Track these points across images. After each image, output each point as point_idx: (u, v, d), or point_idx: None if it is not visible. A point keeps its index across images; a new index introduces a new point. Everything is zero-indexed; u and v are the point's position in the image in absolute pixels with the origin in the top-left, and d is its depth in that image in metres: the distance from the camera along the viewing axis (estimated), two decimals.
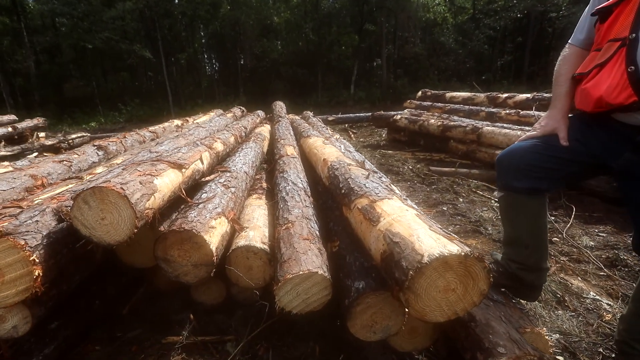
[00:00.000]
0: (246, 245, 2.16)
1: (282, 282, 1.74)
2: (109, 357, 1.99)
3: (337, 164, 2.82)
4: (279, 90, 23.53)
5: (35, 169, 2.87)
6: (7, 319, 1.57)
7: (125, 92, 24.90)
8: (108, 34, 21.67)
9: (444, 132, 6.73)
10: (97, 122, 21.39)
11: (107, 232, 1.62)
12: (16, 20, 22.38)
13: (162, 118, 23.30)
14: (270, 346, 2.11)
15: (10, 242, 1.37)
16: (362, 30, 23.68)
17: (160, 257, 1.90)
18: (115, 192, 1.56)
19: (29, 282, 1.42)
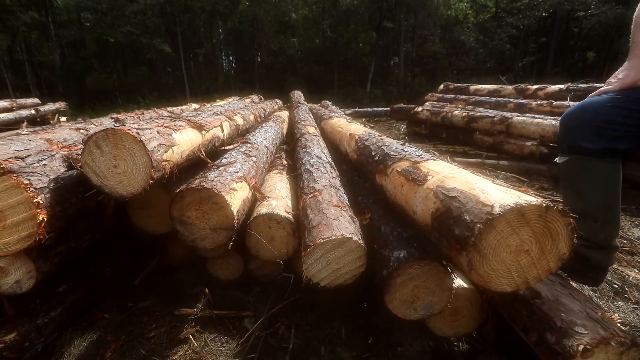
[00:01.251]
0: (269, 213, 1.97)
1: (312, 248, 1.54)
2: (118, 326, 1.82)
3: (366, 136, 2.61)
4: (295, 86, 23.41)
5: (52, 134, 2.75)
6: (9, 272, 1.42)
7: (144, 86, 25.29)
8: (130, 28, 22.07)
9: (469, 123, 6.40)
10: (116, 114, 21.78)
11: (120, 182, 1.45)
12: (44, 15, 23.04)
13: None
14: (292, 324, 1.91)
15: (14, 180, 1.21)
16: (380, 27, 23.33)
17: (176, 218, 1.73)
18: (130, 136, 1.39)
19: (32, 227, 1.26)
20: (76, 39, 26.28)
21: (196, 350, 1.63)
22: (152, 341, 1.67)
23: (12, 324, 1.55)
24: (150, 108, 4.62)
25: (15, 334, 1.52)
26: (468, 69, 24.14)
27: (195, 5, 24.23)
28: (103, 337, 1.73)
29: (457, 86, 8.55)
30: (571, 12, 20.89)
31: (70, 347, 1.62)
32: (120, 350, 1.63)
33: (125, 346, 1.64)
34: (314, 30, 25.90)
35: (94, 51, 26.39)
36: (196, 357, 1.59)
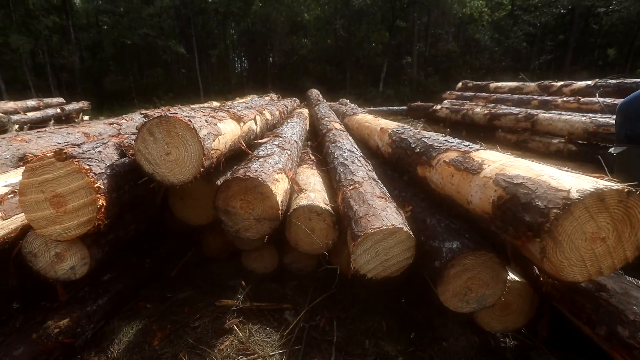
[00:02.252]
0: (309, 205, 1.96)
1: (362, 238, 1.51)
2: (161, 315, 1.83)
3: (400, 129, 2.57)
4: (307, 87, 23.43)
5: (88, 128, 2.82)
6: (65, 258, 1.44)
7: (160, 87, 25.71)
8: (146, 30, 22.46)
9: (491, 120, 6.28)
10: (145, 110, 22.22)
11: (171, 169, 1.45)
12: (65, 19, 23.66)
13: None
14: (333, 317, 1.89)
15: (75, 165, 1.22)
16: (393, 27, 23.16)
17: (220, 208, 1.73)
18: (183, 123, 1.39)
19: (92, 212, 1.27)
20: (94, 42, 26.91)
21: (242, 341, 1.62)
22: (197, 331, 1.68)
23: (65, 309, 1.57)
24: (175, 105, 4.67)
25: (68, 319, 1.54)
26: (483, 68, 23.74)
27: (210, 7, 24.54)
28: (148, 325, 1.74)
29: (477, 84, 8.41)
30: (591, 8, 20.32)
31: (120, 334, 1.63)
32: (168, 338, 1.63)
33: (172, 335, 1.65)
34: (326, 30, 25.87)
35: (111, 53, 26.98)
36: (242, 347, 1.58)
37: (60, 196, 1.25)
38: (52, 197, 1.25)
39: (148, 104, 24.38)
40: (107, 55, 26.76)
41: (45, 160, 1.23)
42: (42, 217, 1.29)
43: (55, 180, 1.25)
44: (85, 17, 27.72)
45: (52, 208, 1.27)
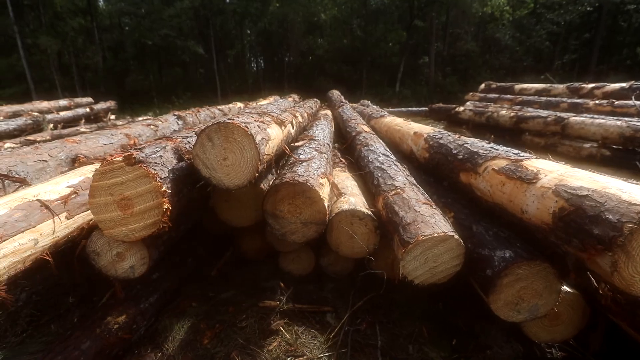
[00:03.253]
0: (351, 209, 1.97)
1: (413, 245, 1.52)
2: (207, 314, 1.89)
3: (438, 134, 2.55)
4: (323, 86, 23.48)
5: (128, 129, 2.92)
6: (126, 257, 1.51)
7: (178, 86, 26.25)
8: (166, 31, 22.95)
9: (517, 123, 6.15)
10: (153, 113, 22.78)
11: (227, 174, 1.50)
12: (89, 20, 24.44)
13: None
14: (375, 322, 1.90)
15: (143, 170, 1.28)
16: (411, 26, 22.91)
17: (268, 212, 1.76)
18: (241, 129, 1.43)
19: (157, 215, 1.33)
20: (116, 43, 27.71)
21: (290, 342, 1.65)
22: (246, 331, 1.72)
23: (121, 306, 1.64)
24: (204, 106, 4.78)
25: (125, 316, 1.61)
26: (502, 68, 23.22)
27: (228, 7, 24.87)
28: (196, 324, 1.80)
29: (500, 85, 8.24)
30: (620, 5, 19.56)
31: (172, 332, 1.69)
32: (217, 337, 1.68)
33: (222, 334, 1.69)
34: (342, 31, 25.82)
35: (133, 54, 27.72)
36: (291, 348, 1.62)
37: (127, 199, 1.31)
38: (120, 199, 1.31)
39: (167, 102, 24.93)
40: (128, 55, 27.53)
41: (115, 164, 1.29)
42: (110, 218, 1.35)
43: (123, 184, 1.30)
44: (108, 19, 28.56)
45: (119, 210, 1.33)
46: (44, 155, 2.03)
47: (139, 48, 26.66)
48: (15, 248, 1.33)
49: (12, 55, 22.01)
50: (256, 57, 32.37)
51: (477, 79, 22.72)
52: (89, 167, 1.92)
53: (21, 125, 6.13)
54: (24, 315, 1.76)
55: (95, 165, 1.96)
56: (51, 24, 23.05)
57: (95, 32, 24.44)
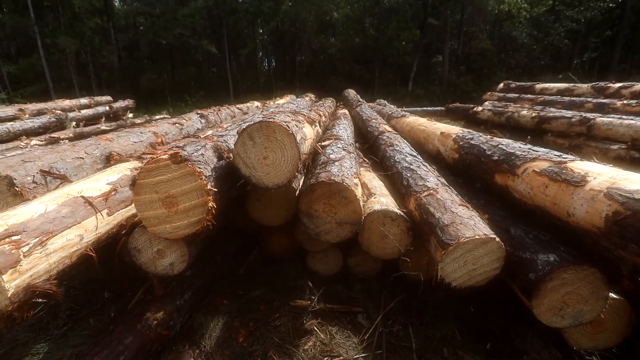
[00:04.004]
0: (383, 210, 1.95)
1: (454, 246, 1.49)
2: (239, 312, 1.90)
3: (468, 134, 2.51)
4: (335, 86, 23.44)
5: (156, 128, 2.96)
6: (166, 254, 1.53)
7: (191, 85, 26.59)
8: (180, 30, 23.24)
9: (539, 124, 6.01)
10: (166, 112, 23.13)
11: (267, 173, 1.50)
12: (106, 21, 24.94)
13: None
14: (408, 323, 1.88)
15: (189, 168, 1.29)
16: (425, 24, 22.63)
17: (303, 211, 1.76)
18: (282, 128, 1.43)
19: (202, 213, 1.34)
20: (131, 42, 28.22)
21: (325, 342, 1.65)
22: (280, 330, 1.72)
23: (159, 303, 1.66)
24: (224, 105, 4.82)
25: (162, 312, 1.63)
26: (519, 67, 22.75)
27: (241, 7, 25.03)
28: (230, 322, 1.81)
29: (520, 85, 8.07)
30: None
31: (208, 329, 1.71)
32: (253, 336, 1.69)
33: (256, 332, 1.70)
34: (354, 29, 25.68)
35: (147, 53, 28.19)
36: (326, 349, 1.61)
37: (172, 197, 1.32)
38: (164, 197, 1.33)
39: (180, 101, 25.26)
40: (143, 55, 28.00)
41: (161, 162, 1.30)
42: (154, 215, 1.37)
43: (169, 182, 1.32)
44: (124, 19, 29.10)
45: (164, 208, 1.35)
46: (80, 152, 2.08)
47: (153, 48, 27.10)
48: (64, 243, 1.35)
49: (33, 55, 22.63)
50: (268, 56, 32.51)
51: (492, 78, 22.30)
52: (125, 164, 1.95)
53: (45, 123, 6.29)
54: (64, 309, 1.81)
55: (130, 162, 2.00)
56: (69, 24, 23.61)
57: (112, 32, 24.92)
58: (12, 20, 20.40)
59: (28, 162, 1.76)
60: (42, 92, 21.84)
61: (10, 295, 1.16)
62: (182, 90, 26.55)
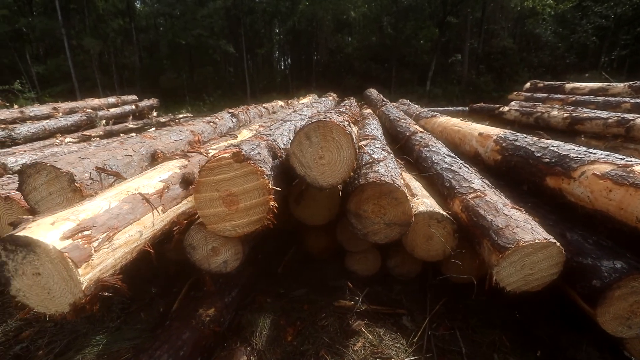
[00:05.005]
0: (429, 211, 1.92)
1: (512, 250, 1.45)
2: (283, 310, 1.91)
3: (511, 135, 2.45)
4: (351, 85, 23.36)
5: (192, 126, 3.01)
6: (220, 252, 1.55)
7: (209, 85, 27.02)
8: (199, 31, 23.64)
9: (571, 125, 5.80)
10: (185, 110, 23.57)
11: (322, 172, 1.50)
12: (128, 22, 25.64)
13: None
14: (455, 327, 1.85)
15: (252, 167, 1.30)
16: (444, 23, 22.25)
17: (352, 212, 1.75)
18: (340, 128, 1.43)
19: (262, 212, 1.35)
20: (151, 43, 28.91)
21: (374, 344, 1.64)
22: (329, 330, 1.72)
23: (209, 300, 1.69)
24: (251, 104, 4.86)
25: (213, 309, 1.65)
26: (542, 66, 22.05)
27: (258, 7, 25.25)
28: (276, 320, 1.82)
29: (549, 84, 7.82)
30: None
31: (257, 327, 1.72)
32: (301, 335, 1.69)
33: (305, 332, 1.71)
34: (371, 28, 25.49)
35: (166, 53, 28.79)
36: (376, 350, 1.60)
37: (233, 195, 1.34)
38: (225, 195, 1.34)
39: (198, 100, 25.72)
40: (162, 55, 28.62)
41: (223, 161, 1.32)
42: (214, 213, 1.39)
43: (230, 180, 1.33)
44: (144, 20, 29.82)
45: (224, 206, 1.36)
46: (129, 150, 2.13)
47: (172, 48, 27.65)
48: (127, 239, 1.39)
49: (60, 56, 23.50)
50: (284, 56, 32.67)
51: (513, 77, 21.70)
52: (174, 162, 1.99)
53: (77, 121, 6.51)
54: (117, 303, 1.86)
55: (177, 160, 2.03)
56: (94, 26, 24.39)
57: (133, 32, 25.60)
58: (41, 23, 21.20)
59: (85, 159, 1.82)
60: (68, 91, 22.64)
61: (84, 288, 1.19)
62: (200, 89, 27.01)
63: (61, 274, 1.17)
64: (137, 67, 26.76)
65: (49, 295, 1.21)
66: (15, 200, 1.93)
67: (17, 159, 4.35)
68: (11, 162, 4.25)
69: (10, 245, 1.15)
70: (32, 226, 1.19)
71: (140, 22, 29.45)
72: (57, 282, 1.19)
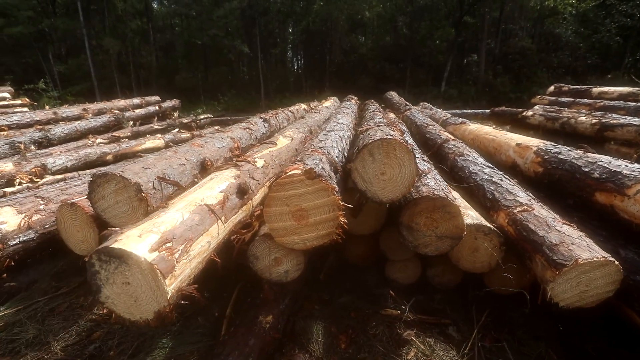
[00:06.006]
0: (476, 224, 1.96)
1: (569, 267, 1.48)
2: (332, 317, 1.97)
3: (553, 148, 2.45)
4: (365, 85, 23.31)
5: (232, 133, 3.10)
6: (282, 262, 1.62)
7: (223, 84, 27.30)
8: (215, 31, 23.94)
9: (601, 131, 5.70)
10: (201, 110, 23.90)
11: (383, 188, 1.55)
12: (145, 22, 26.14)
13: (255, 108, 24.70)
14: (502, 339, 1.88)
15: (324, 184, 1.36)
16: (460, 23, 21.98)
17: (404, 224, 1.80)
18: (403, 146, 1.48)
19: (331, 227, 1.41)
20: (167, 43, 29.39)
21: (426, 353, 1.69)
22: (379, 339, 1.77)
23: (267, 307, 1.77)
24: (279, 108, 4.95)
25: (271, 316, 1.73)
26: (562, 67, 21.55)
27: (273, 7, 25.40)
28: (328, 327, 1.88)
29: (574, 88, 7.68)
30: None
31: (313, 334, 1.79)
32: (355, 343, 1.75)
33: (358, 340, 1.76)
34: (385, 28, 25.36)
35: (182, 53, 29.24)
36: None
37: (303, 210, 1.40)
38: (295, 210, 1.41)
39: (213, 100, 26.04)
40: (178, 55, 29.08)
41: (295, 177, 1.39)
42: (283, 227, 1.45)
43: (301, 196, 1.40)
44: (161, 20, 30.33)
45: (293, 220, 1.43)
46: (182, 159, 2.22)
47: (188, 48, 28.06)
48: (199, 250, 1.47)
49: (80, 55, 24.13)
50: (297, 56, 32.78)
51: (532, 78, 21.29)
52: (227, 172, 2.07)
53: (105, 122, 6.71)
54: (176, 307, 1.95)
55: (230, 170, 2.11)
56: (113, 26, 24.97)
57: (151, 32, 26.09)
58: (64, 23, 21.81)
59: (147, 169, 1.91)
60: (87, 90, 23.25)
61: (169, 297, 1.28)
62: (215, 89, 27.33)
63: (149, 283, 1.26)
64: (153, 67, 27.26)
65: (135, 303, 1.30)
66: (80, 206, 2.05)
67: (55, 159, 4.55)
68: (50, 162, 4.45)
69: (105, 256, 1.24)
70: (122, 238, 1.27)
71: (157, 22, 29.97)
72: (144, 291, 1.27)
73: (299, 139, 3.44)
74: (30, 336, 1.70)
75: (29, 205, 2.24)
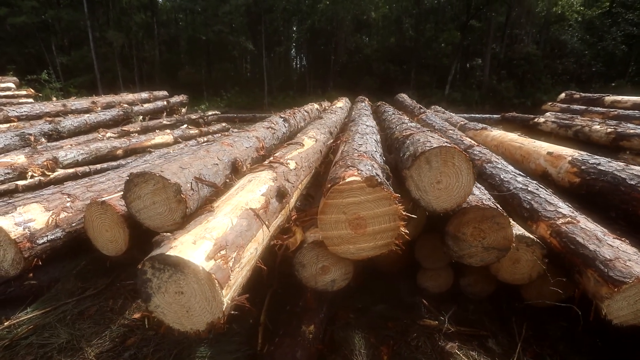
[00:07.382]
0: (519, 235, 1.91)
1: (629, 285, 1.44)
2: (369, 327, 1.93)
3: (590, 158, 2.41)
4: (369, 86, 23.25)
5: (256, 132, 3.04)
6: (330, 271, 1.57)
7: (227, 81, 27.15)
8: (220, 27, 23.80)
9: (616, 141, 5.68)
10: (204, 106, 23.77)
11: (438, 197, 1.50)
12: (150, 16, 25.93)
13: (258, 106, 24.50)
14: (545, 354, 1.84)
15: (385, 192, 1.31)
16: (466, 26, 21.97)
17: (450, 233, 1.75)
18: (462, 155, 1.43)
19: (390, 237, 1.36)
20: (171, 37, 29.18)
21: None
22: (422, 351, 1.73)
23: (307, 316, 1.72)
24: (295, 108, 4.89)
25: (312, 326, 1.68)
26: (566, 73, 21.60)
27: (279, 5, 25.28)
28: (367, 337, 1.83)
29: (585, 96, 7.67)
30: None
31: (354, 345, 1.74)
32: (398, 355, 1.71)
33: (402, 352, 1.72)
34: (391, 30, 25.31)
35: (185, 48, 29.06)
36: None
37: (361, 219, 1.35)
38: (353, 218, 1.36)
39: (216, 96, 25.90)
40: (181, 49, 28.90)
41: (355, 184, 1.33)
42: (338, 235, 1.40)
43: (360, 204, 1.35)
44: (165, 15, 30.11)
45: (350, 229, 1.38)
46: (214, 158, 2.16)
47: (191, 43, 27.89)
48: (249, 257, 1.42)
49: (83, 47, 23.91)
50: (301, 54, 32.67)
51: (536, 84, 21.33)
52: (264, 174, 2.01)
53: (114, 116, 6.62)
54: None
55: (266, 172, 2.05)
56: (118, 19, 24.75)
57: (155, 26, 25.88)
58: (68, 14, 21.59)
59: (185, 169, 1.85)
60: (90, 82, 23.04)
61: (224, 308, 1.22)
62: (218, 85, 27.18)
63: (205, 294, 1.20)
64: (156, 61, 27.06)
65: (187, 313, 1.24)
66: (111, 205, 1.98)
67: (67, 153, 4.46)
68: (62, 156, 4.37)
69: (159, 264, 1.18)
70: (177, 245, 1.21)
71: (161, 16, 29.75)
72: (199, 302, 1.21)
73: (322, 140, 3.39)
74: (62, 341, 1.64)
75: (56, 202, 2.18)
